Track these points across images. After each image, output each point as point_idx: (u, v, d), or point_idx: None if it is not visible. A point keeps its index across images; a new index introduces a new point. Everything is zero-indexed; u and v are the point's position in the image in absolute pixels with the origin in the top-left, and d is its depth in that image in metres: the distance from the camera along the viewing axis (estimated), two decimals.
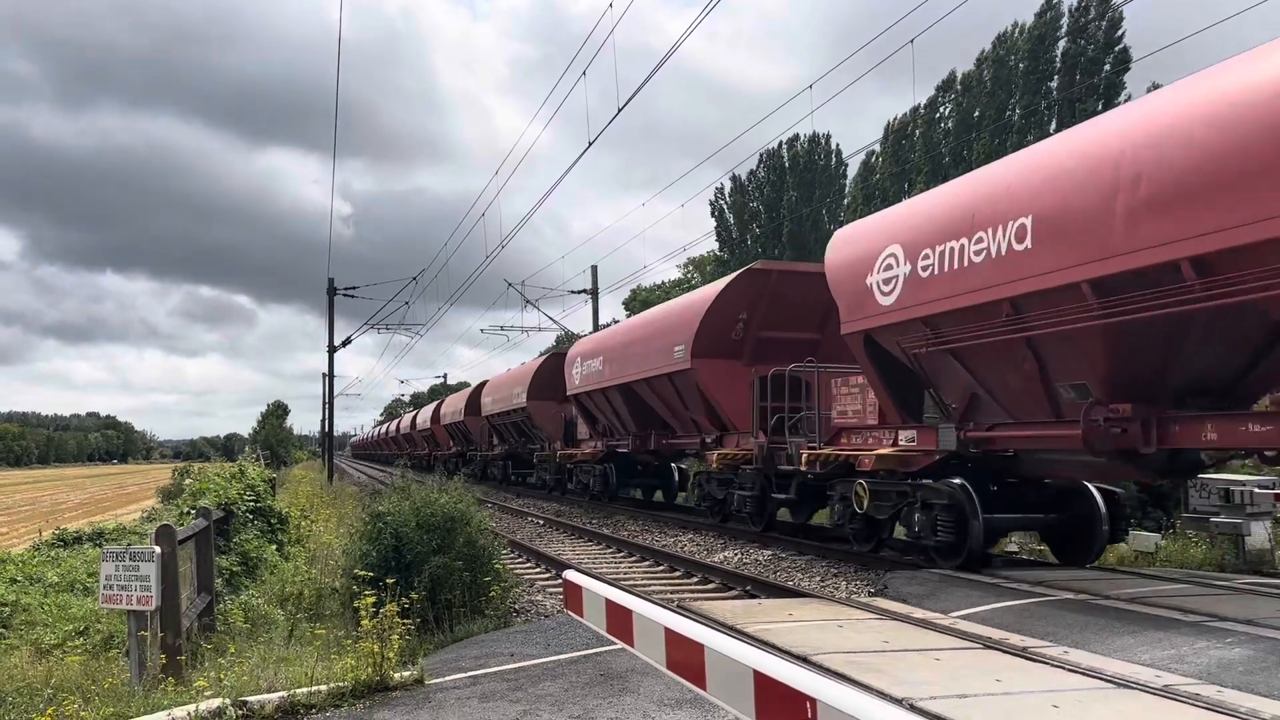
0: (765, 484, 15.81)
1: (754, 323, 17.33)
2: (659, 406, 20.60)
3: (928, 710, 5.34)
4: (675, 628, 3.44)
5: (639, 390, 20.99)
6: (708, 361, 17.50)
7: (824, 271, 13.67)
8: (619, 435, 23.24)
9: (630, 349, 21.18)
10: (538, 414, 30.34)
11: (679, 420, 20.17)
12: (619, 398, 22.10)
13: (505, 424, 35.54)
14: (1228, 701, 5.45)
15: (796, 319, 17.20)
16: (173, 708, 6.06)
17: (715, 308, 17.48)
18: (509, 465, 36.94)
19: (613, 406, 22.90)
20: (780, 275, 17.20)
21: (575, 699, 6.07)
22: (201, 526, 10.60)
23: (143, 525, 22.45)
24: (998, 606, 8.83)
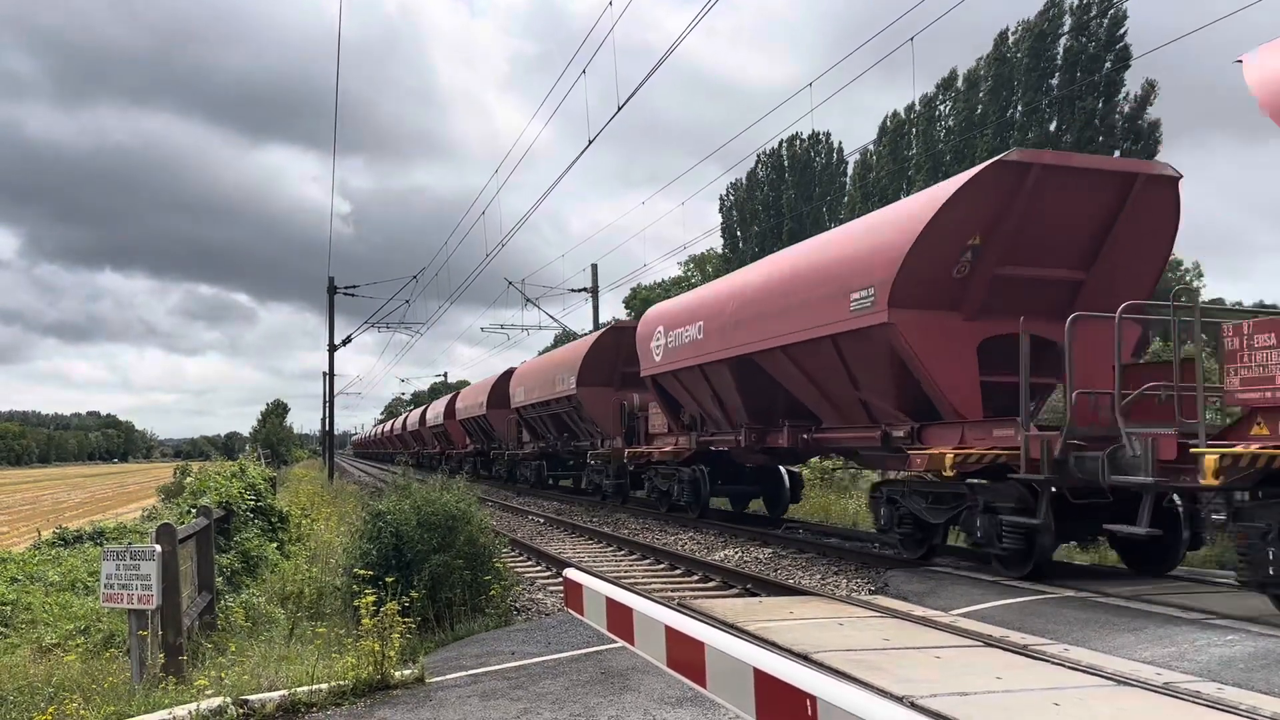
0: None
1: (989, 253, 11.21)
2: (801, 387, 14.50)
3: (928, 708, 5.35)
4: (676, 626, 3.44)
5: (766, 365, 15.00)
6: (915, 315, 11.32)
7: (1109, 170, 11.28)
8: (718, 428, 17.96)
9: (757, 306, 14.97)
10: (591, 403, 25.16)
11: (835, 406, 13.97)
12: (728, 376, 16.40)
13: (542, 417, 29.93)
14: (1228, 699, 5.46)
15: (1053, 248, 11.43)
16: (174, 706, 6.06)
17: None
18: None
19: (713, 389, 17.37)
20: (1043, 173, 10.87)
21: (576, 697, 6.08)
22: (202, 525, 10.59)
23: (143, 524, 22.44)
24: (998, 604, 8.83)
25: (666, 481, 20.30)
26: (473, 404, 40.33)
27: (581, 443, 27.21)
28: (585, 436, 26.76)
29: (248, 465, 20.47)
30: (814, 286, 13.22)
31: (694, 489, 18.97)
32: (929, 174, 43.61)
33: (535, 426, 31.27)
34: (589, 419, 25.57)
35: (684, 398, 19.08)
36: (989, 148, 40.44)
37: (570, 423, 27.81)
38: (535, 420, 30.66)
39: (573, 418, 27.11)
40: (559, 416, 28.26)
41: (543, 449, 33.98)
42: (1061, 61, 40.94)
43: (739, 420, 16.80)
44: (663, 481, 20.53)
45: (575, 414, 26.53)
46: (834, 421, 14.31)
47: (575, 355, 25.81)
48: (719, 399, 17.33)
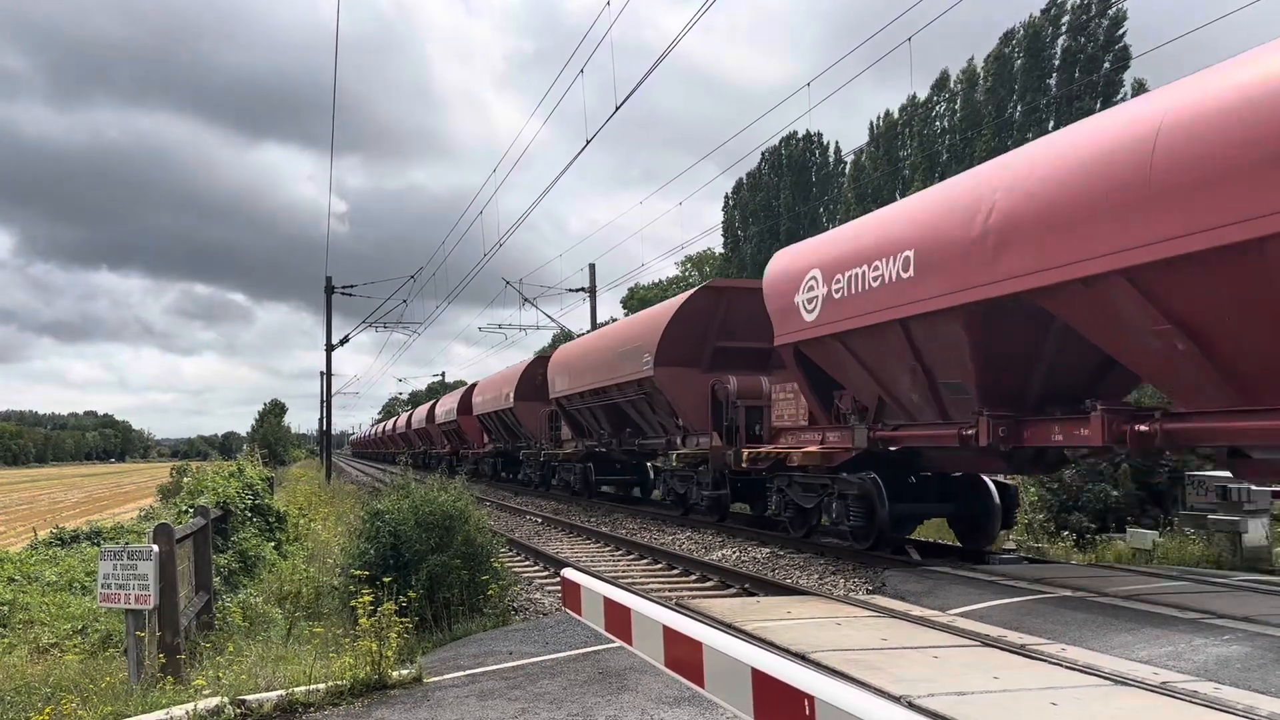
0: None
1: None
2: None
3: (926, 708, 5.35)
4: (674, 625, 3.44)
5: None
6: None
7: None
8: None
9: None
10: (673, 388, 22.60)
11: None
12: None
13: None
14: (1225, 698, 5.46)
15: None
16: (171, 706, 6.06)
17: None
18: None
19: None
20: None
21: (574, 697, 6.08)
22: (199, 525, 10.59)
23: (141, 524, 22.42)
24: (996, 604, 8.84)
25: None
26: (495, 396, 35.21)
27: (650, 439, 22.08)
28: (657, 432, 21.59)
29: (245, 465, 20.46)
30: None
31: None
32: (925, 174, 43.66)
33: (580, 420, 25.97)
34: (665, 409, 20.18)
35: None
36: (988, 148, 40.48)
37: (636, 415, 22.41)
38: (582, 413, 25.59)
39: (641, 408, 21.74)
40: (618, 408, 23.03)
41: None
42: (1059, 61, 40.97)
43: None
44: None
45: (646, 403, 21.07)
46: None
47: (652, 326, 19.98)
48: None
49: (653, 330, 19.67)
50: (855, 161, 52.36)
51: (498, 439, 37.51)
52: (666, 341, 19.02)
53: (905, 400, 11.96)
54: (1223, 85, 7.47)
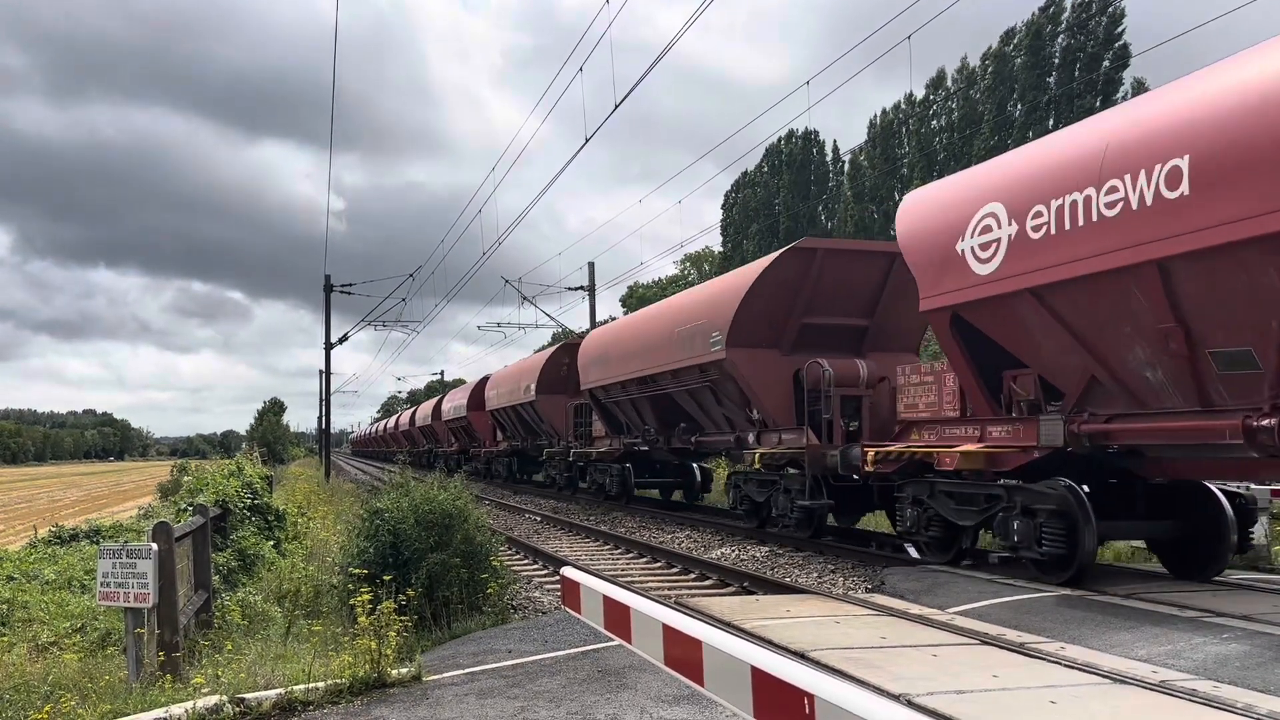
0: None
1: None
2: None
3: (925, 706, 5.35)
4: (673, 624, 3.44)
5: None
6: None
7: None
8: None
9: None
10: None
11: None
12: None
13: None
14: (1224, 697, 5.47)
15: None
16: (170, 705, 6.06)
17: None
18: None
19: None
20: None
21: (573, 695, 6.08)
22: (199, 523, 10.58)
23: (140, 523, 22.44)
24: (995, 602, 8.84)
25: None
26: (513, 389, 31.83)
27: (712, 436, 18.34)
28: (721, 427, 17.90)
29: (244, 463, 20.46)
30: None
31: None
32: (923, 173, 43.66)
33: (618, 414, 22.77)
34: (736, 400, 16.55)
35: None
36: (986, 146, 40.49)
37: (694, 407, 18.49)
38: (621, 406, 22.12)
39: (702, 399, 17.96)
40: (669, 399, 19.23)
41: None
42: (1059, 60, 40.97)
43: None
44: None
45: (710, 392, 17.34)
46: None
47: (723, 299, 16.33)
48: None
49: (724, 304, 15.94)
50: (853, 160, 52.39)
51: (514, 436, 34.02)
52: (744, 317, 15.31)
53: (1134, 379, 9.12)
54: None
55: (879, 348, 15.60)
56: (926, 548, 11.74)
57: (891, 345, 15.81)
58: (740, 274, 16.69)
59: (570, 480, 27.30)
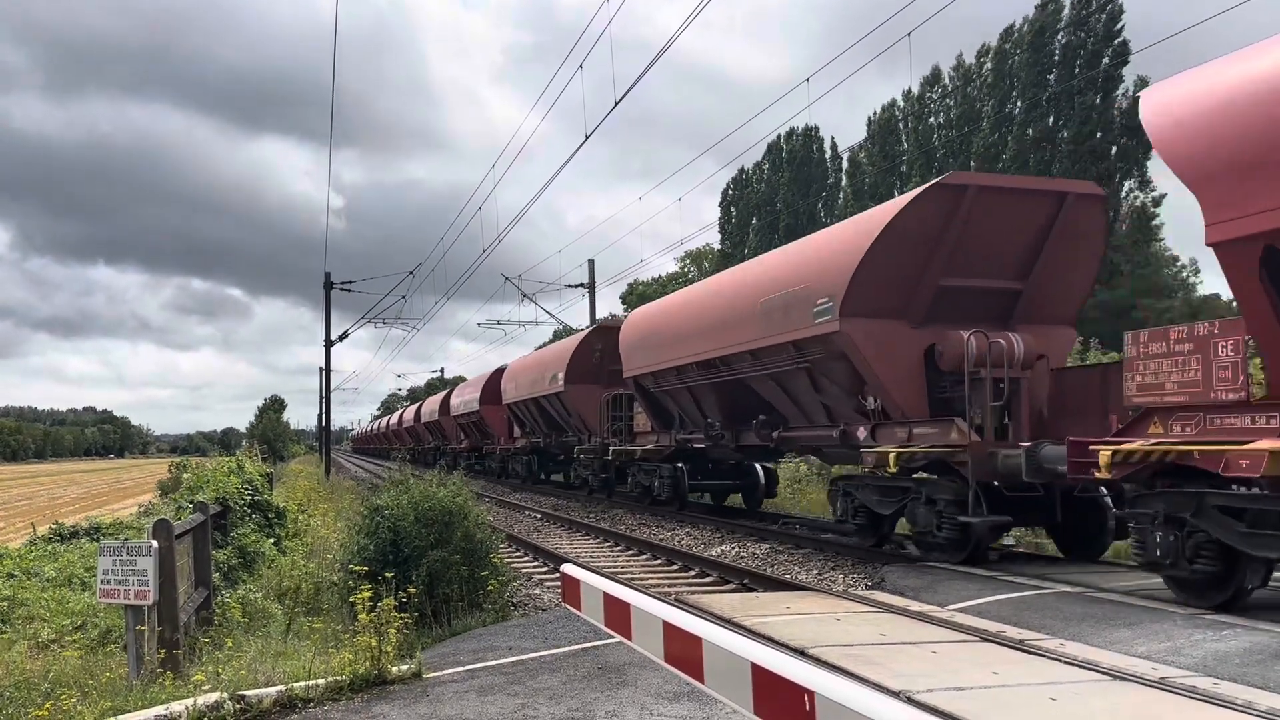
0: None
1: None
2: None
3: (925, 703, 5.36)
4: (673, 621, 3.44)
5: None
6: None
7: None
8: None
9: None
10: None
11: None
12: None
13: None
14: (1224, 694, 5.47)
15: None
16: (170, 702, 6.06)
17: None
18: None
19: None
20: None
21: (573, 692, 6.08)
22: (199, 521, 10.59)
23: (140, 520, 22.45)
24: (994, 599, 8.85)
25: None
26: (536, 379, 28.28)
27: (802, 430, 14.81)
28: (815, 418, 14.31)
29: (245, 461, 20.48)
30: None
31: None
32: (922, 170, 43.65)
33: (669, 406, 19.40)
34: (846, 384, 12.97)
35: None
36: (985, 143, 40.48)
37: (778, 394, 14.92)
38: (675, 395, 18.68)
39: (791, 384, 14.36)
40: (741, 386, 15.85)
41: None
42: (1060, 57, 40.95)
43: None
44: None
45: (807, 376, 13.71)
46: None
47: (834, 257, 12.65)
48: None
49: (838, 263, 12.26)
50: (853, 158, 52.39)
51: (534, 432, 30.34)
52: (865, 278, 11.73)
53: None
54: None
55: (1030, 319, 12.32)
56: (1184, 586, 8.31)
57: (1046, 316, 12.49)
58: (860, 222, 12.92)
59: (606, 482, 24.07)
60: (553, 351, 27.99)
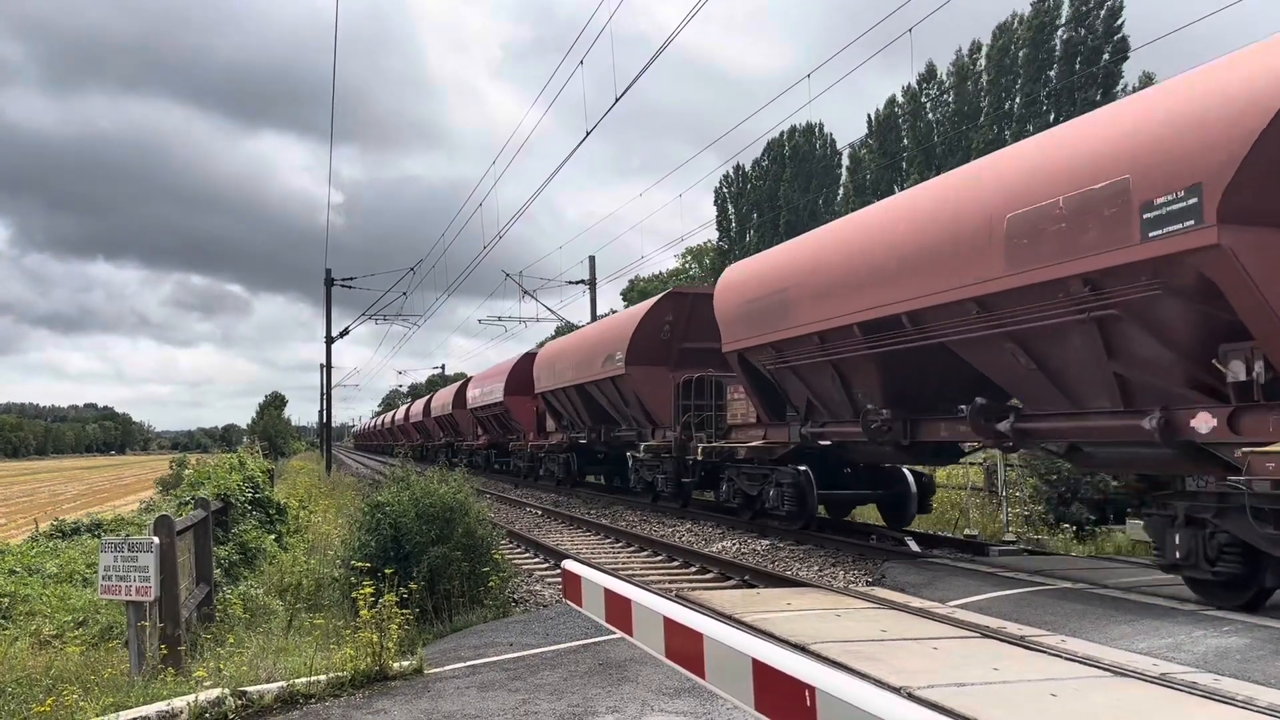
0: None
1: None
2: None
3: (925, 699, 5.36)
4: (674, 617, 3.44)
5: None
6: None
7: None
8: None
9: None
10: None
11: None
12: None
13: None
14: (1225, 689, 5.47)
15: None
16: (172, 698, 6.07)
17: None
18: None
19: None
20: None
21: (574, 688, 6.09)
22: (200, 517, 10.60)
23: (141, 516, 22.46)
24: (995, 595, 8.85)
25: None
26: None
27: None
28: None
29: (246, 458, 20.49)
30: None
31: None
32: (921, 167, 43.62)
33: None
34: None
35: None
36: (986, 139, 40.41)
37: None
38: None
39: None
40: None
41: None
42: (1060, 53, 40.89)
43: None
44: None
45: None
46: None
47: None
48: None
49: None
50: (853, 154, 52.34)
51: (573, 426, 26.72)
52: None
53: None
54: None
55: None
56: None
57: None
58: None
59: (680, 488, 19.64)
60: (607, 327, 24.28)
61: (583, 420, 25.32)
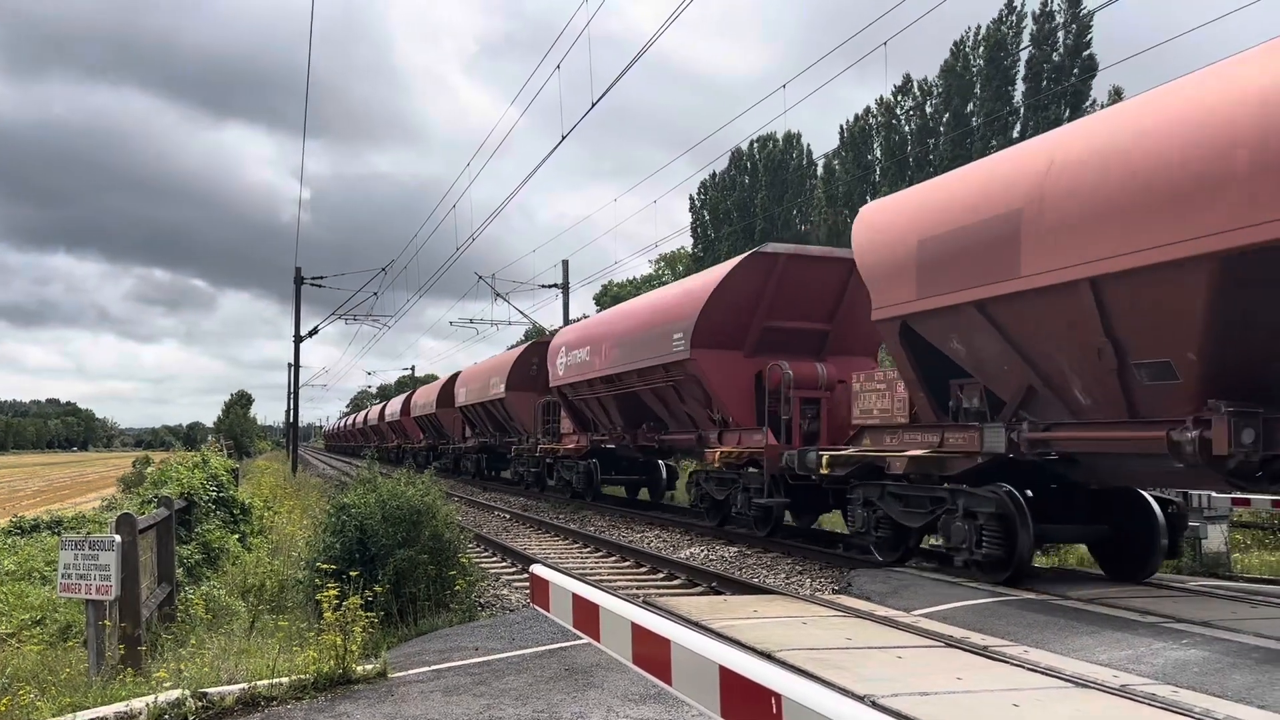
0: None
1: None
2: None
3: (889, 707, 5.39)
4: (642, 623, 3.44)
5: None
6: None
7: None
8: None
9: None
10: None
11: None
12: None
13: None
14: (1183, 701, 5.54)
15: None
16: (131, 699, 5.99)
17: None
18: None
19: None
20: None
21: (539, 693, 6.07)
22: (163, 516, 10.48)
23: (103, 514, 22.16)
24: (959, 605, 8.91)
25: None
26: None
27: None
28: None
29: (210, 456, 20.27)
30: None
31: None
32: (893, 179, 43.95)
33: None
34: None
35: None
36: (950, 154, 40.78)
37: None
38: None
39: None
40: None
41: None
42: (1025, 70, 41.35)
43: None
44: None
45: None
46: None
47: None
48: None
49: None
50: (826, 164, 52.65)
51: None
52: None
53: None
54: None
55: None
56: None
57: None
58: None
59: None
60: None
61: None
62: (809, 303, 15.69)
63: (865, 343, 16.17)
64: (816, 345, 15.87)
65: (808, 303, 15.68)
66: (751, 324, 15.52)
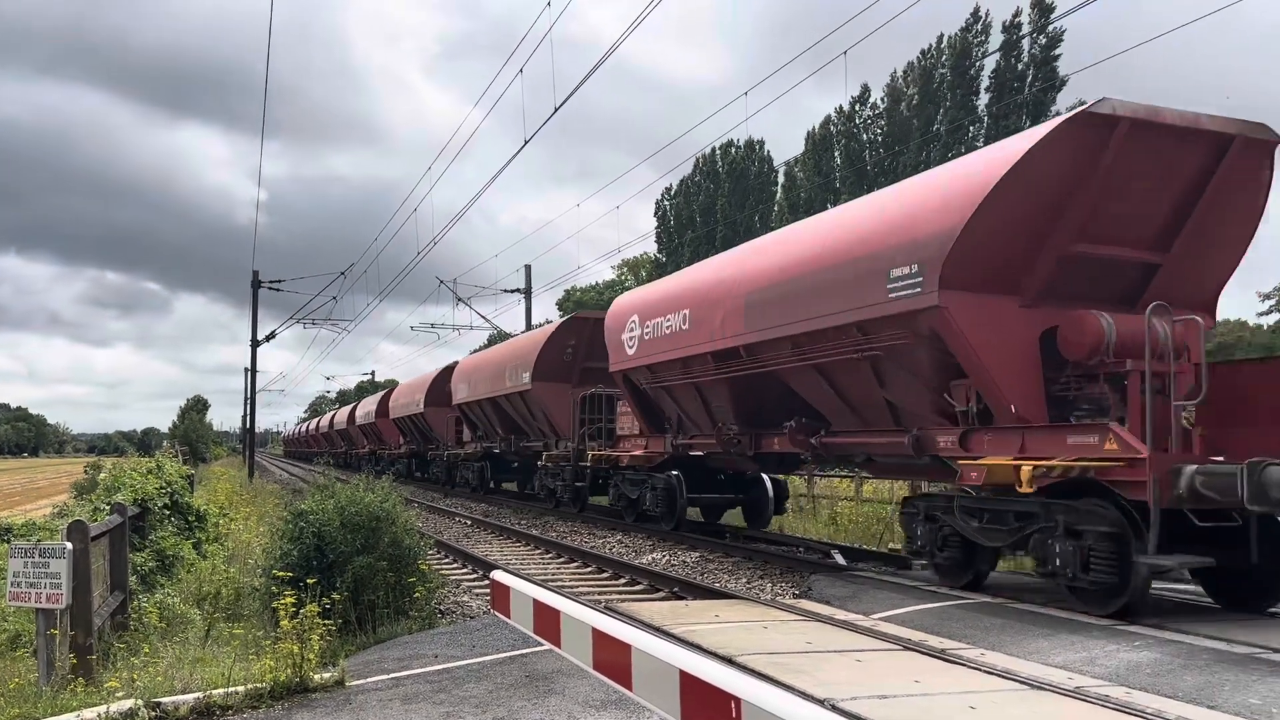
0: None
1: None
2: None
3: (849, 710, 5.42)
4: (603, 628, 3.44)
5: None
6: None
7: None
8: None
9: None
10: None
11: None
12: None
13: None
14: (1135, 702, 5.64)
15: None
16: (82, 709, 5.89)
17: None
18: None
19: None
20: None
21: (500, 701, 6.04)
22: (116, 523, 10.29)
23: (54, 521, 21.72)
24: (917, 609, 9.00)
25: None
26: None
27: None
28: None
29: (164, 462, 19.96)
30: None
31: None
32: (853, 187, 44.32)
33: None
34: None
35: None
36: (914, 163, 41.21)
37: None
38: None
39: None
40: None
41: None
42: (991, 80, 41.86)
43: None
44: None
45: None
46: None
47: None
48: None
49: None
50: (788, 171, 52.99)
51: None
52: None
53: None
54: None
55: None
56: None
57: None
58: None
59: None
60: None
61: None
62: (1144, 213, 9.62)
63: (1200, 290, 10.17)
64: (1132, 289, 9.96)
65: (1143, 213, 9.62)
66: (1042, 251, 9.50)
